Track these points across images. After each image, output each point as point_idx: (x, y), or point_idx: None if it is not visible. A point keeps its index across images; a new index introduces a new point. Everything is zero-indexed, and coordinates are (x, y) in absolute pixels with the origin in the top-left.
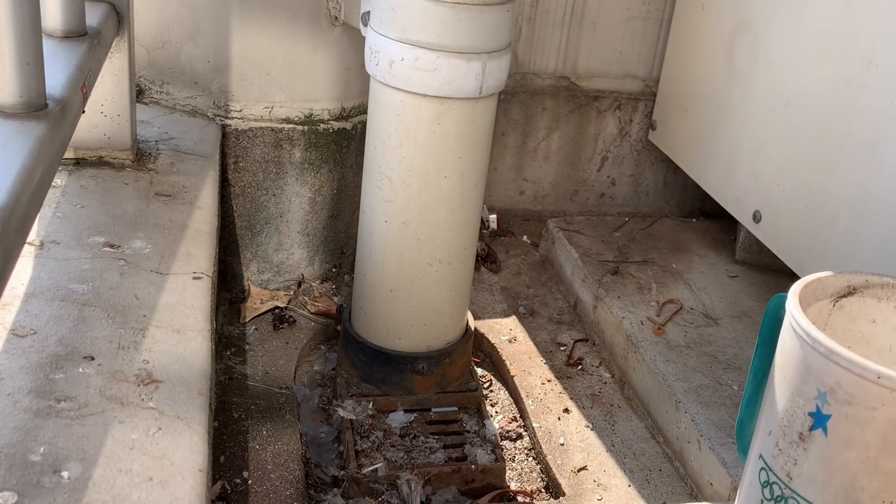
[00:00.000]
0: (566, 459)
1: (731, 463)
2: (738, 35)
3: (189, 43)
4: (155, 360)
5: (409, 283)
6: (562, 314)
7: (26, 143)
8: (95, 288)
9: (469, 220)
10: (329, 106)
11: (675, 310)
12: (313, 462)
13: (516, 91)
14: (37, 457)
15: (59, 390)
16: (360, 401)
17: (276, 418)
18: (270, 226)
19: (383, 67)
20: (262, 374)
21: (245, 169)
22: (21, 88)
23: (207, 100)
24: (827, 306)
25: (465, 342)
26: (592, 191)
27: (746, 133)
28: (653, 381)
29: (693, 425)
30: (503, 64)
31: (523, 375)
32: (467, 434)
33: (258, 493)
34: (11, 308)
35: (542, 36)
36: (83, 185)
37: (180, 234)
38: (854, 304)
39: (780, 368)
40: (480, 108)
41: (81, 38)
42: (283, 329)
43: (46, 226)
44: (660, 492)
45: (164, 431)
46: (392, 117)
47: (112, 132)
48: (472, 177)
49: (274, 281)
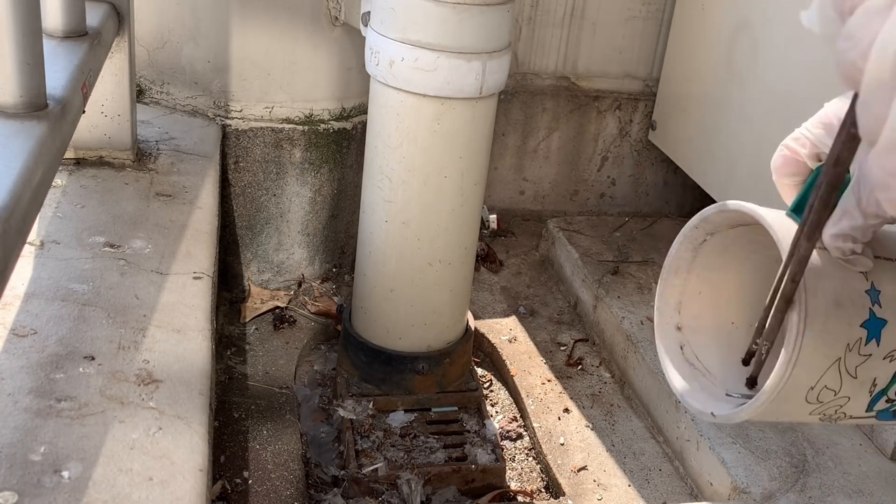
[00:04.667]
0: (566, 459)
1: (731, 463)
2: (738, 35)
3: (189, 43)
4: (155, 359)
5: (410, 282)
6: (562, 314)
7: (27, 143)
8: (96, 288)
9: (469, 220)
10: (329, 106)
11: None
12: (313, 462)
13: (516, 91)
14: (37, 456)
15: (59, 390)
16: (361, 401)
17: (276, 418)
18: (271, 226)
19: (383, 67)
20: (263, 373)
21: (245, 169)
22: (21, 88)
23: (208, 100)
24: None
25: (466, 342)
26: (592, 191)
27: (746, 133)
28: (653, 380)
29: (693, 425)
30: (503, 64)
31: (523, 375)
32: (467, 434)
33: (258, 493)
34: (12, 308)
35: (542, 36)
36: (83, 184)
37: (180, 233)
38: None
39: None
40: (480, 108)
41: (82, 38)
42: (283, 329)
43: (47, 226)
44: (660, 492)
45: (164, 431)
46: (392, 117)
47: (112, 132)
48: (473, 177)
49: (274, 281)
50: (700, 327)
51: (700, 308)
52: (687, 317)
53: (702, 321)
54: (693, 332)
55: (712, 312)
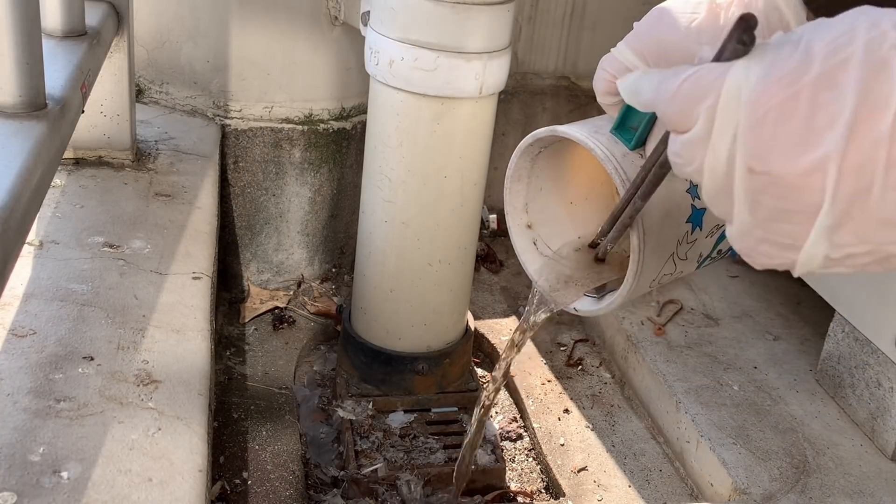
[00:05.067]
0: (566, 460)
1: (731, 463)
2: None
3: (189, 43)
4: (154, 360)
5: (409, 283)
6: (562, 314)
7: (26, 142)
8: (95, 288)
9: (469, 220)
10: (329, 106)
11: (675, 310)
12: (313, 462)
13: (516, 91)
14: (36, 457)
15: (58, 390)
16: (360, 401)
17: (275, 419)
18: (270, 226)
19: (383, 67)
20: (262, 374)
21: (245, 169)
22: (21, 88)
23: (207, 99)
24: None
25: (466, 342)
26: None
27: None
28: (653, 381)
29: (693, 425)
30: (503, 64)
31: (523, 375)
32: (467, 434)
33: (258, 494)
34: (11, 308)
35: (542, 36)
36: (83, 184)
37: (180, 234)
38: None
39: None
40: (480, 108)
41: (81, 37)
42: (282, 329)
43: (46, 226)
44: (660, 492)
45: (163, 432)
46: (392, 117)
47: (111, 132)
48: (472, 177)
49: (274, 281)
50: (546, 219)
51: (544, 201)
52: (534, 213)
53: (547, 212)
54: (541, 225)
55: (555, 200)
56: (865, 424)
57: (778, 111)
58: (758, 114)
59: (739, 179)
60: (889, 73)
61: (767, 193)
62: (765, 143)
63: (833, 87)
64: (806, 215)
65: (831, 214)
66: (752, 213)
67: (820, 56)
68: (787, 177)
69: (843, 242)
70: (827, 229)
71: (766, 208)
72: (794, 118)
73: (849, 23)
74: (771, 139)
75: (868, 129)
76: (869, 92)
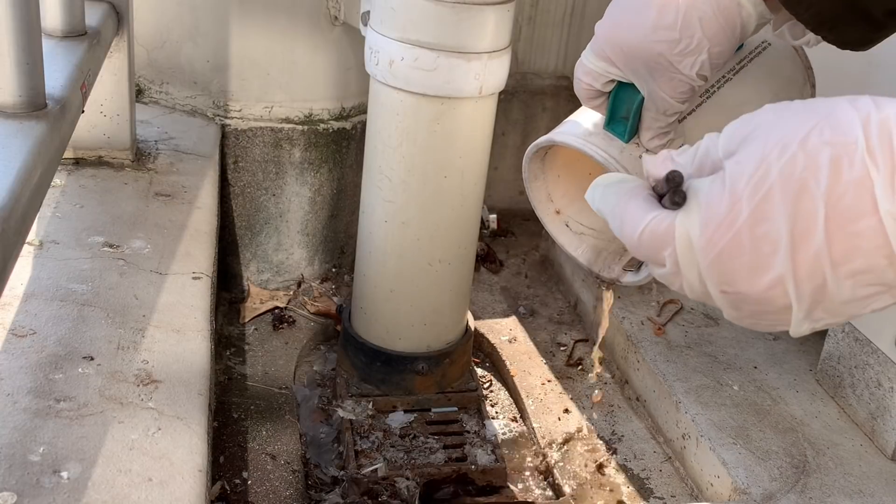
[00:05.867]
0: (566, 459)
1: (731, 463)
2: None
3: (189, 42)
4: (154, 360)
5: (409, 283)
6: (562, 314)
7: (26, 142)
8: (95, 288)
9: (469, 220)
10: (329, 106)
11: (675, 310)
12: (313, 462)
13: (516, 91)
14: (36, 457)
15: (58, 390)
16: (360, 401)
17: (275, 419)
18: (270, 226)
19: (383, 67)
20: (262, 374)
21: (244, 169)
22: (21, 88)
23: (207, 99)
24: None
25: (466, 342)
26: None
27: None
28: (653, 381)
29: (693, 425)
30: (503, 64)
31: (523, 375)
32: (467, 434)
33: (258, 494)
34: (11, 308)
35: (542, 36)
36: (82, 184)
37: (180, 233)
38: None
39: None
40: (480, 108)
41: (81, 37)
42: (282, 329)
43: (46, 225)
44: (660, 492)
45: (163, 432)
46: (392, 117)
47: (111, 132)
48: (472, 177)
49: (274, 281)
50: (570, 200)
51: (564, 187)
52: (558, 199)
53: (569, 194)
54: (567, 207)
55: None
56: (865, 424)
57: (728, 251)
58: (710, 256)
59: (716, 297)
60: (808, 193)
61: (744, 303)
62: (726, 274)
63: (766, 220)
64: (781, 313)
65: (801, 310)
66: (737, 311)
67: (745, 195)
68: (754, 294)
69: (819, 317)
70: (803, 317)
71: (747, 311)
72: (743, 253)
73: (760, 151)
74: (730, 271)
75: (807, 244)
76: (797, 215)
